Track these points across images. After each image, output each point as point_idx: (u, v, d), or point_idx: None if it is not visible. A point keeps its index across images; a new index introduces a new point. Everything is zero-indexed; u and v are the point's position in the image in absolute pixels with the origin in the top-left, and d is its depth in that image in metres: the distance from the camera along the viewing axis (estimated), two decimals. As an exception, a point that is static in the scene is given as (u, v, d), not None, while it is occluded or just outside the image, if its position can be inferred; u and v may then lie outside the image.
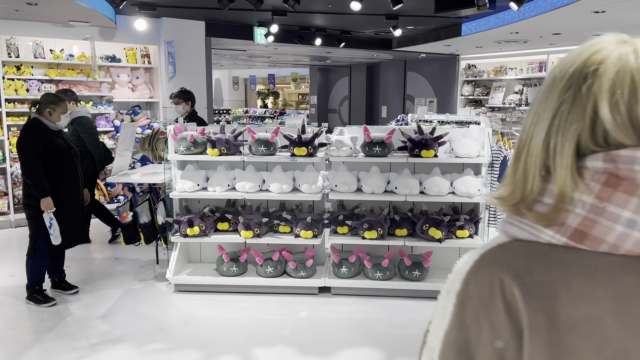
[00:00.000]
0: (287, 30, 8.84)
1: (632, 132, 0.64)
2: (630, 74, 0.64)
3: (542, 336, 0.62)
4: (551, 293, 0.63)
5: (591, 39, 0.69)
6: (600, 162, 0.64)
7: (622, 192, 0.63)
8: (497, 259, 0.67)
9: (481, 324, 0.66)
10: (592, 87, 0.65)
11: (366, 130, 4.18)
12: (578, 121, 0.65)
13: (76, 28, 6.95)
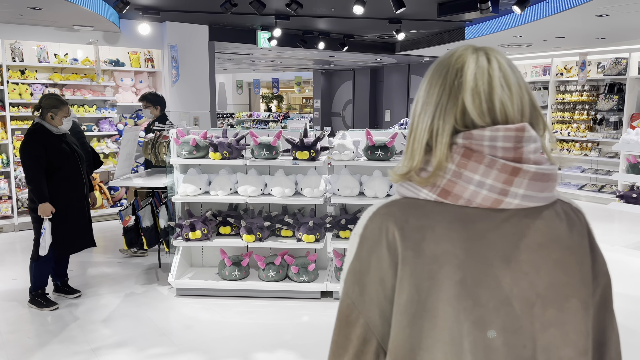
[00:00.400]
0: (291, 34, 8.85)
1: (487, 116, 0.86)
2: (488, 72, 0.87)
3: (409, 265, 0.86)
4: (420, 235, 0.86)
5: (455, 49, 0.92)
6: (461, 139, 0.86)
7: (473, 161, 0.85)
8: (386, 211, 0.90)
9: (371, 257, 0.89)
10: (461, 84, 0.87)
11: (368, 134, 4.17)
12: (453, 109, 0.87)
13: (80, 32, 6.98)
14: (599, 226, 7.03)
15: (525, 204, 0.87)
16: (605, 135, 8.73)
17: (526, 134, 0.86)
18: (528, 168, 0.85)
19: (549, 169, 0.88)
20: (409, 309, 0.85)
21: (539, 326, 0.86)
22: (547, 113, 9.58)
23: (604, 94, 8.69)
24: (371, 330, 0.90)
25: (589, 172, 9.04)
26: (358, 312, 0.90)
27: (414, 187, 0.90)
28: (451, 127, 0.87)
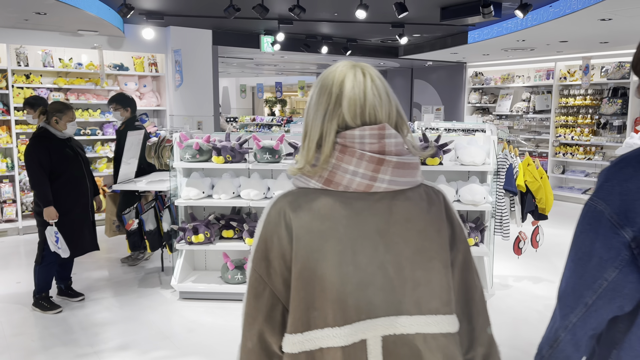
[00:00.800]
0: (294, 38, 8.89)
1: (359, 118, 1.08)
2: (363, 84, 1.09)
3: (302, 241, 1.05)
4: (309, 215, 1.06)
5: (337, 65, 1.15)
6: (339, 138, 1.07)
7: (348, 155, 1.06)
8: (284, 199, 1.10)
9: (273, 237, 1.08)
10: (341, 93, 1.09)
11: (371, 138, 4.18)
12: (336, 114, 1.08)
13: (85, 37, 7.03)
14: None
15: (392, 187, 1.09)
16: (608, 139, 8.71)
17: (387, 132, 1.08)
18: (390, 158, 1.07)
19: (409, 159, 1.10)
20: (303, 276, 1.04)
21: (410, 284, 1.07)
22: (550, 117, 9.57)
23: (608, 98, 8.68)
24: (277, 297, 1.08)
25: (592, 176, 9.02)
26: (265, 283, 1.08)
27: (305, 178, 1.11)
28: (335, 129, 1.09)
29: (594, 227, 1.09)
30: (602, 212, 1.08)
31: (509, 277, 5.02)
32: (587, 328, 1.11)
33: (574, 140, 9.20)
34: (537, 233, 4.67)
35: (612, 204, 1.07)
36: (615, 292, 1.06)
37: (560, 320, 1.15)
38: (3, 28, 6.50)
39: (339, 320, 1.03)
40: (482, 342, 1.20)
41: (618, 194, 1.07)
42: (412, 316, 1.06)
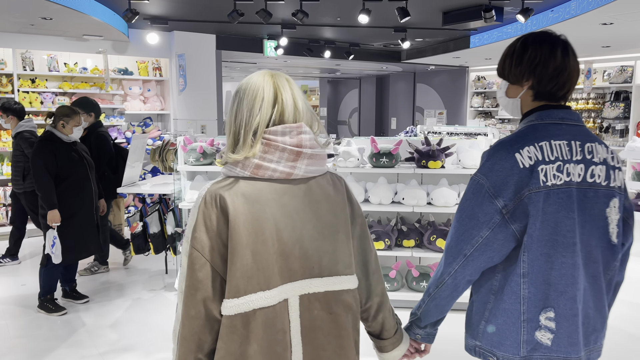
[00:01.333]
0: (297, 43, 8.94)
1: (280, 119, 1.31)
2: (282, 90, 1.33)
3: (236, 221, 1.25)
4: (241, 199, 1.27)
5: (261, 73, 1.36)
6: (264, 134, 1.29)
7: (272, 148, 1.28)
8: (216, 186, 1.30)
9: (210, 219, 1.27)
10: (264, 97, 1.31)
11: (373, 141, 4.21)
12: (261, 115, 1.30)
13: (90, 42, 7.10)
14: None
15: (307, 175, 1.34)
16: (611, 143, 8.71)
17: (303, 129, 1.32)
18: (306, 151, 1.31)
19: (320, 151, 1.35)
20: (238, 251, 1.25)
21: (322, 252, 1.34)
22: (553, 121, 9.57)
23: (610, 102, 8.70)
24: (215, 270, 1.27)
25: (595, 179, 9.01)
26: (204, 259, 1.26)
27: (234, 169, 1.31)
28: (255, 127, 1.30)
29: (476, 196, 1.45)
30: (482, 185, 1.44)
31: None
32: (465, 274, 1.49)
33: (576, 144, 9.20)
34: (539, 236, 4.68)
35: (490, 179, 1.43)
36: (488, 246, 1.43)
37: (445, 267, 1.51)
38: (9, 33, 6.57)
39: (267, 285, 1.28)
40: (377, 293, 1.52)
41: (495, 171, 1.42)
42: (322, 278, 1.35)
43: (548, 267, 1.42)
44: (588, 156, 1.45)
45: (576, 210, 1.42)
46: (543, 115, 1.48)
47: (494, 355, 1.51)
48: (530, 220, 1.40)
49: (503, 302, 1.47)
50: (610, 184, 1.47)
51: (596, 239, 1.47)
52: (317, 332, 1.34)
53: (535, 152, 1.41)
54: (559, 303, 1.43)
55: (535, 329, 1.45)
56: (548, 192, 1.40)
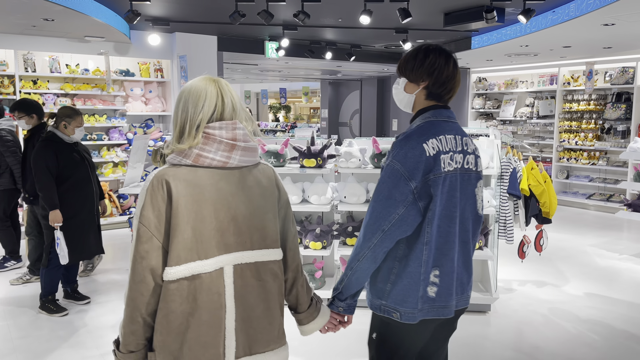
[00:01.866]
0: (298, 44, 8.94)
1: (218, 116, 1.56)
2: (222, 92, 1.58)
3: (179, 202, 1.47)
4: (184, 184, 1.49)
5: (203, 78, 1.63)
6: (205, 129, 1.53)
7: (211, 141, 1.52)
8: (162, 172, 1.51)
9: (156, 200, 1.48)
10: (207, 97, 1.55)
11: (375, 141, 4.21)
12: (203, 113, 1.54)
13: (91, 43, 7.11)
14: (606, 235, 7.02)
15: (241, 164, 1.58)
16: (613, 144, 8.71)
17: (237, 126, 1.57)
18: (240, 144, 1.56)
19: (252, 144, 1.61)
20: (180, 227, 1.48)
21: (253, 229, 1.59)
22: (554, 122, 9.58)
23: (612, 103, 8.69)
24: (159, 242, 1.49)
25: (597, 181, 9.01)
26: (150, 233, 1.48)
27: (179, 157, 1.53)
28: (199, 122, 1.53)
29: (392, 179, 1.73)
30: (398, 169, 1.72)
31: (513, 281, 5.02)
32: (383, 246, 1.74)
33: (578, 145, 9.20)
34: (540, 237, 4.67)
35: (405, 165, 1.72)
36: (403, 221, 1.72)
37: (364, 242, 1.76)
38: (11, 34, 6.58)
39: (205, 255, 1.51)
40: (292, 269, 1.74)
41: (408, 158, 1.71)
42: (253, 251, 1.59)
43: (438, 236, 1.78)
44: (465, 147, 1.84)
45: (459, 190, 1.81)
46: (437, 114, 1.84)
47: (397, 312, 1.80)
48: (433, 199, 1.74)
49: (408, 266, 1.78)
50: (477, 169, 1.89)
51: (469, 212, 1.87)
52: (248, 295, 1.59)
53: (437, 143, 1.75)
54: (443, 263, 1.80)
55: (427, 286, 1.79)
56: (445, 176, 1.76)
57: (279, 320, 1.68)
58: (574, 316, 4.20)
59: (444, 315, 1.83)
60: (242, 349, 1.58)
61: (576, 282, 5.03)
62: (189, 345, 1.50)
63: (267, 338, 1.63)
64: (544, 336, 3.83)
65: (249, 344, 1.60)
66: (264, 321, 1.62)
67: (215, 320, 1.52)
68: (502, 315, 4.20)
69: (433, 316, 1.82)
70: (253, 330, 1.60)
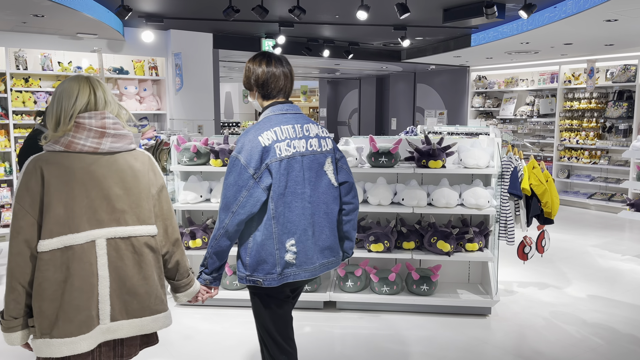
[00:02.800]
0: (295, 42, 8.82)
1: (89, 106, 1.78)
2: (94, 88, 1.82)
3: (51, 184, 1.69)
4: (56, 167, 1.71)
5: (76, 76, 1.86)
6: (76, 119, 1.75)
7: (81, 129, 1.75)
8: (37, 157, 1.72)
9: (31, 182, 1.69)
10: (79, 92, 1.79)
11: (372, 140, 4.09)
12: (76, 104, 1.77)
13: (84, 40, 6.98)
14: (608, 235, 6.90)
15: (113, 150, 1.79)
16: (614, 142, 8.59)
17: (106, 115, 1.79)
18: (109, 132, 1.77)
19: (123, 132, 1.81)
20: (52, 205, 1.69)
21: (127, 207, 1.80)
22: (555, 121, 9.46)
23: (613, 101, 8.57)
24: (33, 218, 1.69)
25: (598, 180, 8.89)
26: (25, 211, 1.68)
27: (53, 145, 1.73)
28: (71, 113, 1.75)
29: (235, 168, 2.05)
30: (239, 160, 2.05)
31: (513, 283, 4.90)
32: (234, 224, 2.06)
33: (579, 144, 9.09)
34: (542, 238, 4.56)
35: (243, 155, 2.05)
36: (247, 202, 2.03)
37: (219, 223, 2.08)
38: (1, 31, 6.46)
39: (77, 229, 1.71)
40: (170, 243, 1.96)
41: (245, 150, 2.05)
42: (127, 226, 1.80)
43: (288, 211, 2.09)
44: (306, 133, 2.17)
45: (304, 170, 2.12)
46: (274, 110, 2.18)
47: (260, 279, 2.11)
48: (273, 181, 2.06)
49: (262, 239, 2.09)
50: (322, 150, 2.21)
51: (324, 186, 2.19)
52: (123, 266, 1.79)
53: (272, 134, 2.09)
54: (297, 234, 2.11)
55: (285, 253, 2.09)
56: (282, 161, 2.08)
57: (156, 289, 1.86)
58: (577, 319, 4.09)
59: (304, 278, 2.16)
60: (119, 313, 1.79)
61: (578, 284, 4.91)
62: (64, 309, 1.69)
63: (143, 305, 1.83)
64: (547, 340, 3.71)
65: (126, 309, 1.80)
66: (140, 289, 1.82)
67: (87, 287, 1.72)
68: (503, 318, 4.09)
69: (295, 279, 2.13)
70: (129, 297, 1.80)
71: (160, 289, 1.87)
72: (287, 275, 2.11)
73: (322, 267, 2.21)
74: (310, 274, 2.16)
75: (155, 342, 1.95)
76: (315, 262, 2.16)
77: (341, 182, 2.28)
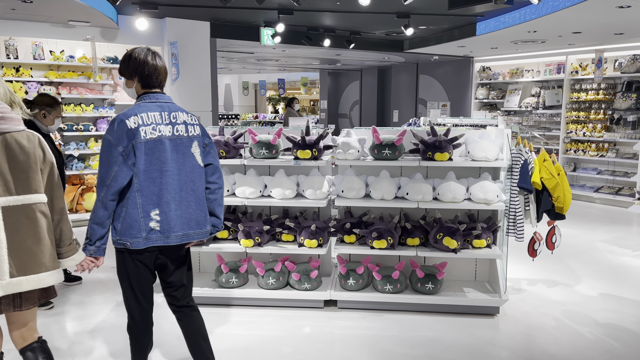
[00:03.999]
0: (295, 31, 8.59)
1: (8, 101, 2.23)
2: None
3: None
4: None
5: None
6: None
7: None
8: None
9: None
10: None
11: (375, 131, 3.89)
12: None
13: (77, 28, 6.76)
14: (617, 230, 6.70)
15: (3, 131, 2.07)
16: (622, 135, 8.37)
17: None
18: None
19: (11, 115, 2.11)
20: None
21: (17, 179, 2.10)
22: (561, 112, 9.24)
23: (622, 93, 8.34)
24: None
25: (605, 174, 8.69)
26: None
27: None
28: None
29: (107, 147, 2.35)
30: (110, 140, 2.35)
31: (521, 280, 4.72)
32: (109, 197, 2.34)
33: (585, 136, 8.87)
34: (553, 234, 4.36)
35: (113, 136, 2.34)
36: (118, 176, 2.32)
37: (97, 197, 2.36)
38: (-9, 19, 6.25)
39: None
40: (57, 212, 2.23)
41: (115, 131, 2.34)
42: (19, 196, 2.08)
43: (153, 185, 2.39)
44: (173, 120, 2.46)
45: (169, 151, 2.42)
46: (145, 98, 2.46)
47: (127, 242, 2.40)
48: (136, 159, 2.35)
49: (129, 209, 2.38)
50: (189, 135, 2.50)
51: (190, 166, 2.49)
52: (19, 230, 2.08)
53: (138, 119, 2.36)
54: (161, 205, 2.41)
55: (150, 221, 2.39)
56: (147, 142, 2.36)
57: (50, 249, 2.18)
58: (589, 319, 3.90)
59: (167, 243, 2.45)
60: (17, 271, 2.08)
61: (589, 281, 4.72)
62: None
63: (39, 262, 2.13)
64: (558, 342, 3.52)
65: (23, 266, 2.09)
66: (35, 249, 2.12)
67: None
68: (512, 318, 3.90)
69: (159, 244, 2.43)
70: (26, 256, 2.10)
71: (53, 248, 2.20)
72: (152, 239, 2.42)
73: (186, 236, 2.50)
74: (173, 240, 2.46)
75: (54, 296, 2.28)
76: (179, 231, 2.47)
77: (207, 163, 2.60)
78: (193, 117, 2.56)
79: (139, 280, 2.55)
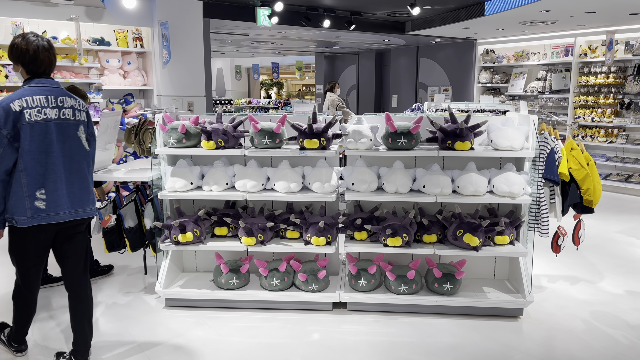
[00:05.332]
0: (293, 11, 8.16)
1: None
2: None
3: None
4: None
5: None
6: None
7: None
8: None
9: None
10: None
11: (389, 118, 3.53)
12: None
13: (59, 7, 6.31)
14: (631, 220, 6.42)
15: None
16: (633, 120, 8.07)
17: None
18: None
19: None
20: None
21: None
22: (569, 97, 8.91)
23: (633, 76, 8.02)
24: None
25: (614, 160, 8.40)
26: None
27: None
28: None
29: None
30: None
31: (541, 277, 4.42)
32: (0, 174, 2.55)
33: (594, 122, 8.56)
34: (579, 228, 4.05)
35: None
36: (4, 157, 2.52)
37: None
38: (-34, -3, 5.78)
39: None
40: None
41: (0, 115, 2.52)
42: None
43: (39, 166, 2.57)
44: (60, 104, 2.64)
45: (55, 133, 2.60)
46: (31, 82, 2.64)
47: (14, 219, 2.57)
48: (21, 141, 2.53)
49: (14, 187, 2.56)
50: (76, 119, 2.71)
51: (75, 149, 2.70)
52: None
53: (22, 102, 2.53)
54: (46, 185, 2.59)
55: (35, 201, 2.57)
56: (32, 124, 2.54)
57: None
58: (620, 321, 3.61)
59: (54, 221, 2.63)
60: None
61: (613, 277, 4.44)
62: None
63: None
64: (590, 347, 3.23)
65: None
66: None
67: None
68: (537, 320, 3.60)
69: (45, 222, 2.60)
70: None
71: None
72: (39, 218, 2.58)
73: (73, 213, 2.68)
74: (60, 218, 2.63)
75: None
76: (65, 209, 2.65)
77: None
78: (81, 103, 2.75)
79: (30, 258, 2.73)
